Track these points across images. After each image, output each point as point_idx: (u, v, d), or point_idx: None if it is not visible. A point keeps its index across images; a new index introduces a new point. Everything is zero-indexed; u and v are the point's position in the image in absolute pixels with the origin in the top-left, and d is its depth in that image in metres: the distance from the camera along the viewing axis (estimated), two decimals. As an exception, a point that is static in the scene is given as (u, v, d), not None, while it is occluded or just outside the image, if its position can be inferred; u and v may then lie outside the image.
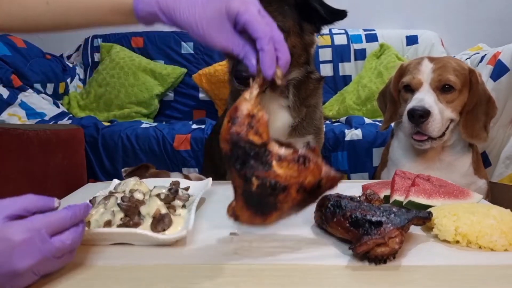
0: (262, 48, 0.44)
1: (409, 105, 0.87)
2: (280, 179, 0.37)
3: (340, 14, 0.88)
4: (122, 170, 0.92)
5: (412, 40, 1.88)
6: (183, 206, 0.56)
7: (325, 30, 0.93)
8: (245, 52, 0.45)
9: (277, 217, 0.40)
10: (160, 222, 0.50)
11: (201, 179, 1.00)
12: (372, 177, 1.28)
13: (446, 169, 0.94)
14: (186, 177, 0.88)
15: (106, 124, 1.48)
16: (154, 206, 0.51)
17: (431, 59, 0.93)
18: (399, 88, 0.97)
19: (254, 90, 0.41)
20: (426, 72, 0.90)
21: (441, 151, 0.95)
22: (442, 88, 0.89)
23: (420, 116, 0.84)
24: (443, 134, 0.90)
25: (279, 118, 0.94)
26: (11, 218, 0.37)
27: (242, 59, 0.45)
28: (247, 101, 0.40)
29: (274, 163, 0.38)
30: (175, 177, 0.83)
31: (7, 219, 0.36)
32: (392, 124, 1.07)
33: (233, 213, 0.40)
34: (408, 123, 0.87)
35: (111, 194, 0.54)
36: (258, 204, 0.39)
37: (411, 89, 0.92)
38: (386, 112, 1.03)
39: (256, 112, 0.39)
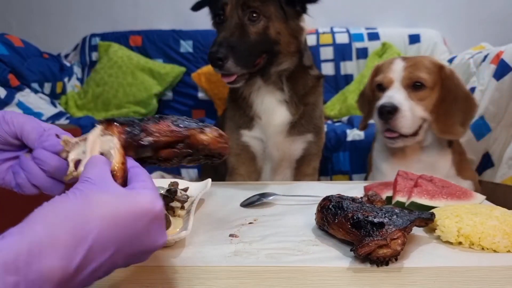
0: None
1: (379, 102, 0.89)
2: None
3: None
4: None
5: (414, 39, 1.87)
6: (182, 207, 0.56)
7: (313, 13, 0.93)
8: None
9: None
10: (158, 224, 0.49)
11: (163, 177, 0.98)
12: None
13: (427, 170, 0.94)
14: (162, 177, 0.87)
15: (105, 123, 1.47)
16: (153, 207, 0.50)
17: (404, 58, 0.94)
18: (373, 88, 0.98)
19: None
20: (397, 70, 0.91)
21: (419, 152, 0.95)
22: (413, 86, 0.89)
23: (388, 112, 0.85)
24: (417, 133, 0.90)
25: (277, 114, 0.94)
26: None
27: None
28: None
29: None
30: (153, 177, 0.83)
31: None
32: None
33: None
34: (378, 120, 0.89)
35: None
36: None
37: (383, 88, 0.93)
38: (365, 112, 1.05)
39: None
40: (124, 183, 0.35)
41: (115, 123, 0.37)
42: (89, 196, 0.30)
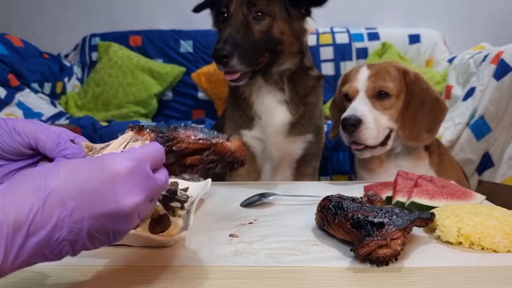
0: None
1: (343, 115, 0.87)
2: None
3: None
4: None
5: (414, 39, 1.87)
6: (182, 207, 0.56)
7: (318, 18, 0.93)
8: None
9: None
10: (158, 223, 0.49)
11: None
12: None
13: None
14: None
15: (104, 124, 1.47)
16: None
17: (369, 66, 0.91)
18: (341, 98, 0.96)
19: None
20: (362, 79, 0.89)
21: (395, 157, 0.93)
22: (378, 95, 0.87)
23: (352, 124, 0.83)
24: (385, 143, 0.88)
25: (277, 114, 0.94)
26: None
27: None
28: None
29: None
30: None
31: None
32: None
33: None
34: (343, 133, 0.87)
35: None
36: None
37: (349, 98, 0.91)
38: (334, 120, 1.02)
39: None
40: None
41: (147, 129, 0.39)
42: (59, 163, 0.30)
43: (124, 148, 0.38)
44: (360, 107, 0.86)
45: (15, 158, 0.41)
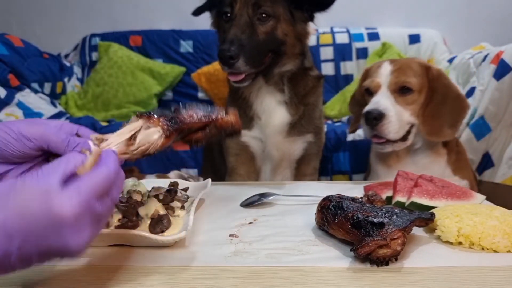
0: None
1: (365, 108, 0.88)
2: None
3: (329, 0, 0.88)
4: None
5: (414, 39, 1.87)
6: (182, 207, 0.56)
7: (318, 18, 0.93)
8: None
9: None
10: (158, 223, 0.49)
11: (182, 177, 0.99)
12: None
13: (422, 171, 0.94)
14: (164, 176, 0.88)
15: (104, 124, 1.47)
16: (153, 207, 0.50)
17: (392, 61, 0.92)
18: (362, 92, 0.97)
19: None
20: (384, 74, 0.90)
21: (413, 153, 0.94)
22: (400, 90, 0.88)
23: (375, 118, 0.84)
24: (406, 138, 0.89)
25: (277, 115, 0.94)
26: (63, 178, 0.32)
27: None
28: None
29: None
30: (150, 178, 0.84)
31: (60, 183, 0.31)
32: None
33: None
34: (365, 126, 0.88)
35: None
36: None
37: (371, 92, 0.92)
38: (354, 115, 1.04)
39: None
40: None
41: (154, 116, 0.42)
42: (18, 186, 0.30)
43: (134, 136, 0.41)
44: (383, 101, 0.87)
45: (23, 161, 0.42)
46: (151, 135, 0.41)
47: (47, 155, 0.43)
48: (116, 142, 0.40)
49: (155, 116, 0.42)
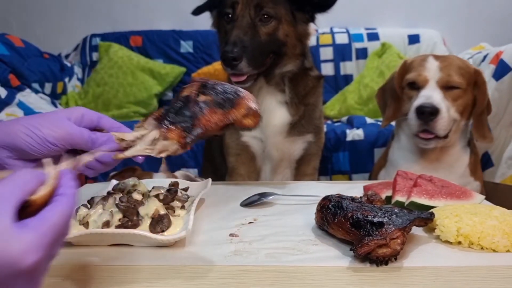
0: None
1: (417, 102, 0.87)
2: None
3: (330, 1, 0.89)
4: (110, 175, 0.92)
5: (414, 39, 1.87)
6: (182, 207, 0.56)
7: (318, 19, 0.94)
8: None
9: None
10: (159, 223, 0.49)
11: (188, 177, 1.00)
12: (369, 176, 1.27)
13: (444, 170, 0.94)
14: (173, 176, 0.88)
15: (105, 123, 1.47)
16: (153, 206, 0.50)
17: (436, 57, 0.92)
18: (402, 85, 0.96)
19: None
20: (432, 69, 0.89)
21: (440, 152, 0.95)
22: (448, 86, 0.89)
23: (430, 113, 0.84)
24: (447, 135, 0.90)
25: (277, 115, 0.94)
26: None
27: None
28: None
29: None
30: (158, 177, 0.84)
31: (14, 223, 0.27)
32: (393, 123, 1.06)
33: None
34: (416, 120, 0.86)
35: (109, 194, 0.54)
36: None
37: (416, 87, 0.91)
38: (388, 109, 1.02)
39: None
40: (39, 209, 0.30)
41: (173, 128, 0.42)
42: None
43: (153, 146, 0.42)
44: (436, 96, 0.86)
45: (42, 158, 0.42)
46: (169, 146, 0.42)
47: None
48: (140, 152, 0.42)
49: (173, 127, 0.42)
